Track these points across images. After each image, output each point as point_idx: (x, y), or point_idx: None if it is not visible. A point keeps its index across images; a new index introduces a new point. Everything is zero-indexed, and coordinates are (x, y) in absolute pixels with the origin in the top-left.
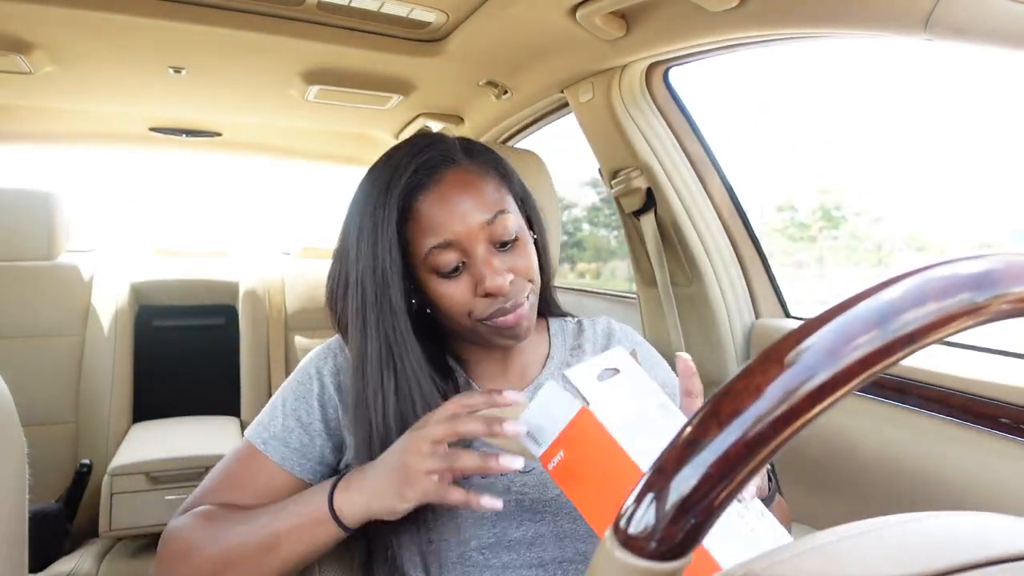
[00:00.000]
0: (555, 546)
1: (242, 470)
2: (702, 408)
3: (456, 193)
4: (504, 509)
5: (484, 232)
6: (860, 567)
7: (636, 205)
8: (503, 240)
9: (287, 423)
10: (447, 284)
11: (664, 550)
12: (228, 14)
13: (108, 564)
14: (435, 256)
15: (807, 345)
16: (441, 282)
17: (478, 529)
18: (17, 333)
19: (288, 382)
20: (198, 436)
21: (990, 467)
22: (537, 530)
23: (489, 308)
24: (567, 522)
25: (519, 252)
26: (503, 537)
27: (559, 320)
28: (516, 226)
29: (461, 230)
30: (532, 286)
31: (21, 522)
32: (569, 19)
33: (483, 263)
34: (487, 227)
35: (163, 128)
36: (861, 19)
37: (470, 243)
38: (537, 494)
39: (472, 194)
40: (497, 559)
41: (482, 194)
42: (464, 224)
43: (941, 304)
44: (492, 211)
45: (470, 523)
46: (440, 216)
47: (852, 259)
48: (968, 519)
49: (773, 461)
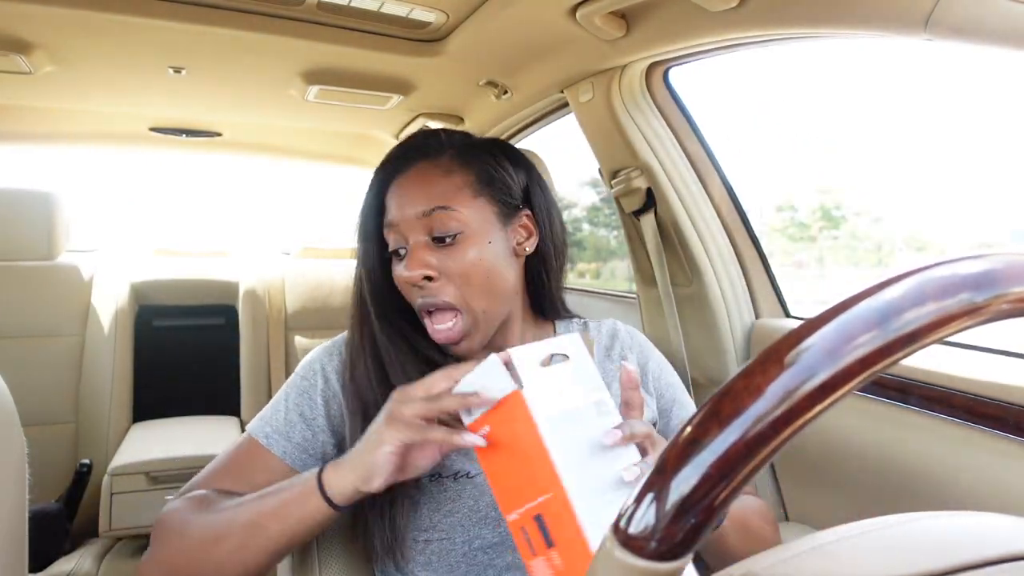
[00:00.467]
0: None
1: (242, 462)
2: (702, 408)
3: (409, 181)
4: None
5: (421, 223)
6: (860, 567)
7: (636, 205)
8: (438, 235)
9: (290, 418)
10: (398, 266)
11: (664, 550)
12: (228, 14)
13: (108, 564)
14: (388, 234)
15: (807, 345)
16: (396, 263)
17: (482, 529)
18: (17, 333)
19: (292, 378)
20: (198, 436)
21: (991, 467)
22: None
23: (416, 298)
24: None
25: (454, 253)
26: (507, 537)
27: (565, 322)
28: (460, 226)
29: (398, 216)
30: (459, 292)
31: (21, 522)
32: (569, 19)
33: (409, 251)
34: (423, 218)
35: (163, 128)
36: (861, 19)
37: (407, 230)
38: None
39: (423, 185)
40: (501, 559)
41: (432, 187)
42: (402, 211)
43: (941, 304)
44: (432, 204)
45: (474, 522)
46: (395, 201)
47: (852, 259)
48: (968, 519)
49: (773, 461)
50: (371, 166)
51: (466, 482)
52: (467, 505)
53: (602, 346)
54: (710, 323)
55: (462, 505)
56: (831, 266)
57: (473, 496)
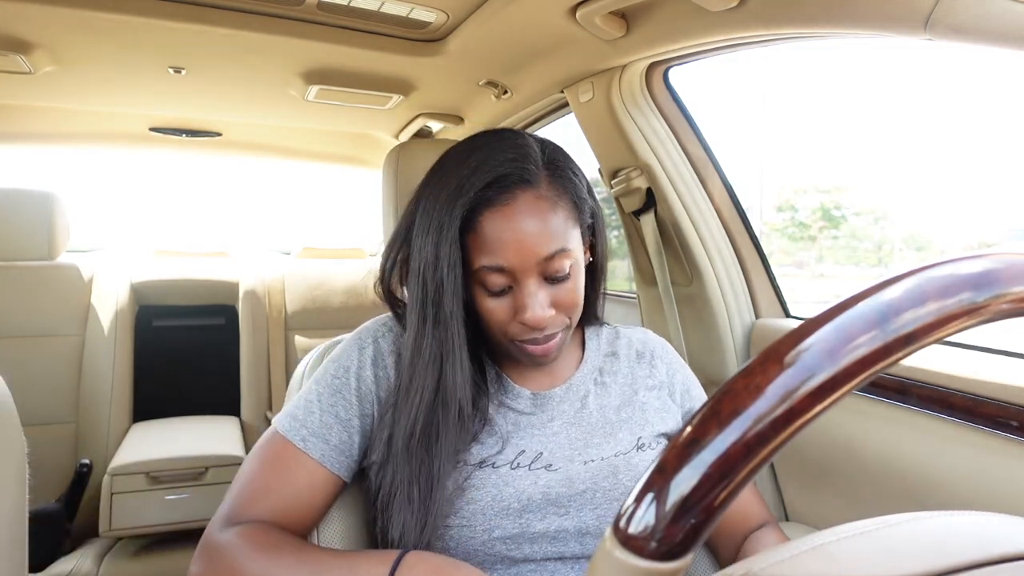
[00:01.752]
0: (576, 542)
1: (281, 468)
2: (702, 407)
3: (521, 220)
4: (531, 501)
5: (539, 267)
6: (860, 567)
7: (636, 205)
8: (556, 276)
9: (325, 419)
10: (491, 300)
11: (664, 550)
12: (228, 14)
13: (108, 564)
14: (485, 275)
15: (807, 345)
16: (486, 297)
17: (503, 519)
18: (17, 333)
19: (321, 377)
20: (198, 436)
21: (991, 467)
22: (560, 524)
23: (523, 334)
24: (590, 519)
25: (567, 287)
26: (527, 529)
27: (594, 327)
28: (572, 262)
29: (516, 261)
30: (571, 320)
31: (21, 522)
32: (569, 19)
33: (528, 294)
34: (543, 263)
35: (163, 128)
36: (861, 19)
37: (522, 274)
38: (563, 488)
39: (537, 224)
40: (519, 550)
41: (547, 226)
42: (520, 256)
43: (941, 304)
44: (552, 248)
45: (495, 512)
46: (500, 240)
47: (852, 259)
48: (968, 519)
49: (773, 461)
50: (371, 166)
51: (491, 472)
52: (490, 495)
53: (634, 351)
54: (710, 323)
55: (485, 494)
56: (831, 266)
57: (497, 486)
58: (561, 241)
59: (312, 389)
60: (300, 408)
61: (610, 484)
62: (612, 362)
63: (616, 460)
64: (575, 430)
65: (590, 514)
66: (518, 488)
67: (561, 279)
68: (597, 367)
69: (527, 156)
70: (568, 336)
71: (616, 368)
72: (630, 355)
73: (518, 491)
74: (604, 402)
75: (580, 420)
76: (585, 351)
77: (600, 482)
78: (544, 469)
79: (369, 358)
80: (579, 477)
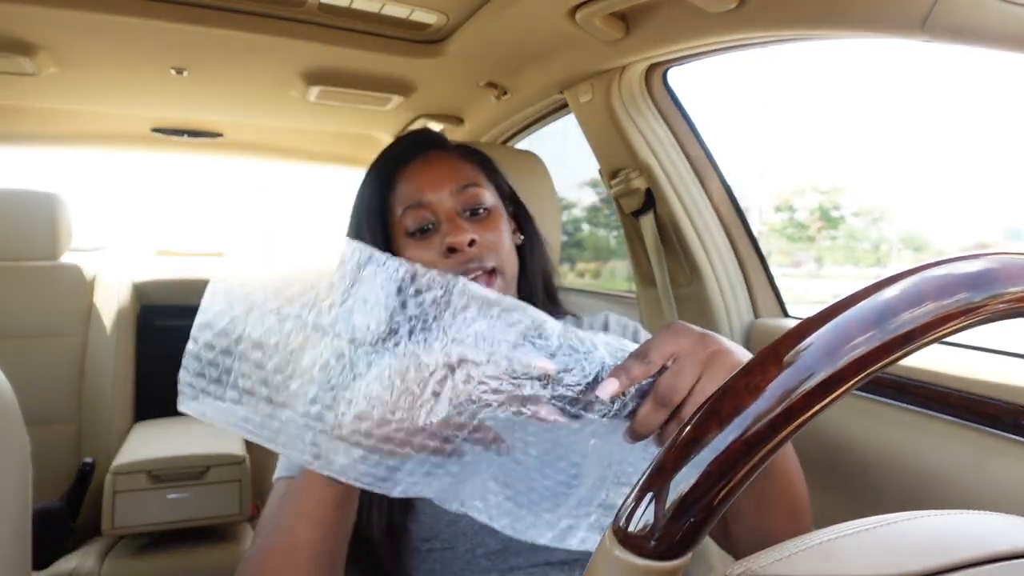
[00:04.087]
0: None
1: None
2: (702, 407)
3: (434, 164)
4: None
5: (455, 198)
6: (859, 565)
7: (636, 205)
8: (474, 207)
9: None
10: (416, 247)
11: (663, 549)
12: (230, 15)
13: (110, 562)
14: (408, 216)
15: (806, 344)
16: (411, 244)
17: (485, 537)
18: (20, 333)
19: None
20: (199, 435)
21: (990, 467)
22: None
23: (456, 267)
24: None
25: (489, 226)
26: (511, 543)
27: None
28: (490, 202)
29: (432, 195)
30: (498, 262)
31: (24, 520)
32: (569, 20)
33: (449, 220)
34: (458, 194)
35: (165, 129)
36: (859, 20)
37: (440, 205)
38: None
39: (448, 167)
40: (505, 563)
41: (457, 169)
42: (435, 188)
43: (939, 304)
44: (466, 180)
45: (476, 531)
46: (416, 181)
47: (851, 259)
48: (968, 519)
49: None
50: None
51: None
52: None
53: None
54: (709, 323)
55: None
56: (829, 266)
57: None
58: (474, 179)
59: None
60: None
61: None
62: None
63: None
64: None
65: None
66: None
67: (480, 214)
68: None
69: (434, 132)
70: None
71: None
72: None
73: None
74: None
75: None
76: None
77: None
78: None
79: None
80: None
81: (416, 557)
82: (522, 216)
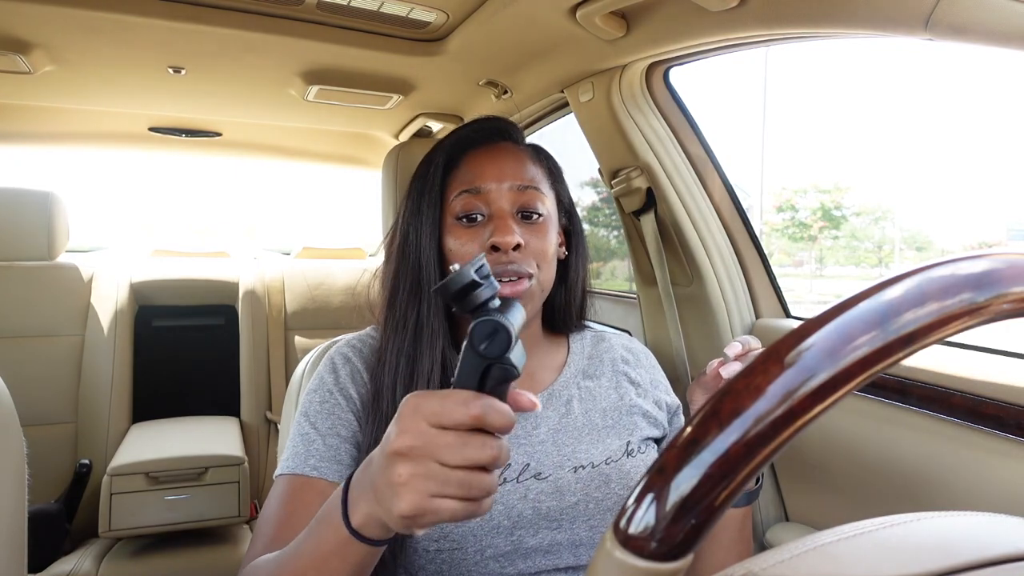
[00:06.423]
0: (570, 554)
1: (296, 504)
2: (702, 407)
3: (501, 154)
4: (521, 517)
5: (513, 195)
6: (860, 567)
7: (636, 205)
8: (528, 210)
9: (329, 443)
10: (463, 233)
11: (664, 550)
12: (228, 14)
13: (108, 564)
14: (462, 200)
15: (807, 345)
16: (457, 229)
17: (495, 538)
18: (17, 333)
19: (308, 409)
20: (197, 436)
21: (991, 467)
22: (554, 538)
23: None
24: (583, 530)
25: (539, 233)
26: (520, 545)
27: (579, 333)
28: (547, 210)
29: (490, 184)
30: (539, 271)
31: (21, 522)
32: (569, 19)
33: (500, 217)
34: (518, 192)
35: (163, 128)
36: (861, 19)
37: (497, 198)
38: (554, 502)
39: (515, 163)
40: (512, 567)
41: (524, 167)
42: (495, 179)
43: (941, 304)
44: (527, 179)
45: (486, 532)
46: (480, 166)
47: (853, 259)
48: (968, 519)
49: (773, 461)
50: (371, 166)
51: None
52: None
53: (618, 355)
54: (710, 323)
55: None
56: (831, 265)
57: None
58: (537, 182)
59: (302, 423)
60: (298, 445)
61: (602, 494)
62: (596, 366)
63: (608, 468)
64: (562, 436)
65: (583, 526)
66: (507, 504)
67: (532, 219)
68: (580, 370)
69: (514, 125)
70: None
71: (600, 372)
72: (614, 359)
73: (507, 507)
74: (589, 406)
75: (566, 426)
76: (568, 355)
77: (592, 492)
78: (534, 479)
79: (347, 376)
80: (569, 488)
81: (424, 557)
82: (574, 230)
